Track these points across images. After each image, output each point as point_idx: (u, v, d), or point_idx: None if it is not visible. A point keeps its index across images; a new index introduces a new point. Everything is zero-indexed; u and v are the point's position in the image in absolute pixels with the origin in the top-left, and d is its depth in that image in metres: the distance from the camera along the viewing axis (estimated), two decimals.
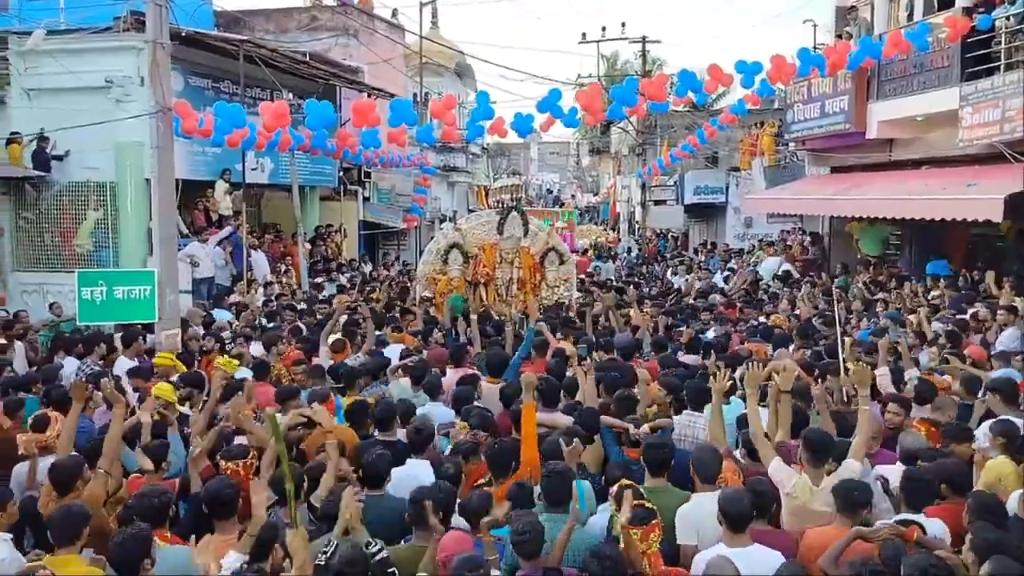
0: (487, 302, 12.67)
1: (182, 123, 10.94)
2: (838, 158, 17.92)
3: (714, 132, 19.08)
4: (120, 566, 3.84)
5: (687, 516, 4.75)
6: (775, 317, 10.99)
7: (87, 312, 9.90)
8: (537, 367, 7.99)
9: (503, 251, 12.96)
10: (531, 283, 12.96)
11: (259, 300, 13.69)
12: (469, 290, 12.66)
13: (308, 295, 14.99)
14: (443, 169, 30.78)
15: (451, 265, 12.98)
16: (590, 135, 49.01)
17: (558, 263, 13.20)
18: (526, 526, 4.14)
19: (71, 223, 14.41)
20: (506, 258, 12.92)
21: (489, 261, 12.89)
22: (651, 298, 14.87)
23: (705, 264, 21.14)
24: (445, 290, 12.75)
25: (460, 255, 12.95)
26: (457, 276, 12.89)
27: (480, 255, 12.91)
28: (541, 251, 13.10)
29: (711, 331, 10.82)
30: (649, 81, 13.68)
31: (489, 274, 12.86)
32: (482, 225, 13.35)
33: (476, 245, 13.01)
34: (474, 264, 12.91)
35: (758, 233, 25.03)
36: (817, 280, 15.66)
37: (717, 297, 14.95)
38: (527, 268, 12.96)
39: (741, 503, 4.37)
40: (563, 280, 13.23)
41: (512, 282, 12.88)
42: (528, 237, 13.09)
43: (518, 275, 12.92)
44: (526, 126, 13.70)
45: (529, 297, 12.85)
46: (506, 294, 12.87)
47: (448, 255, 13.01)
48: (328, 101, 13.96)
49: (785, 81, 15.60)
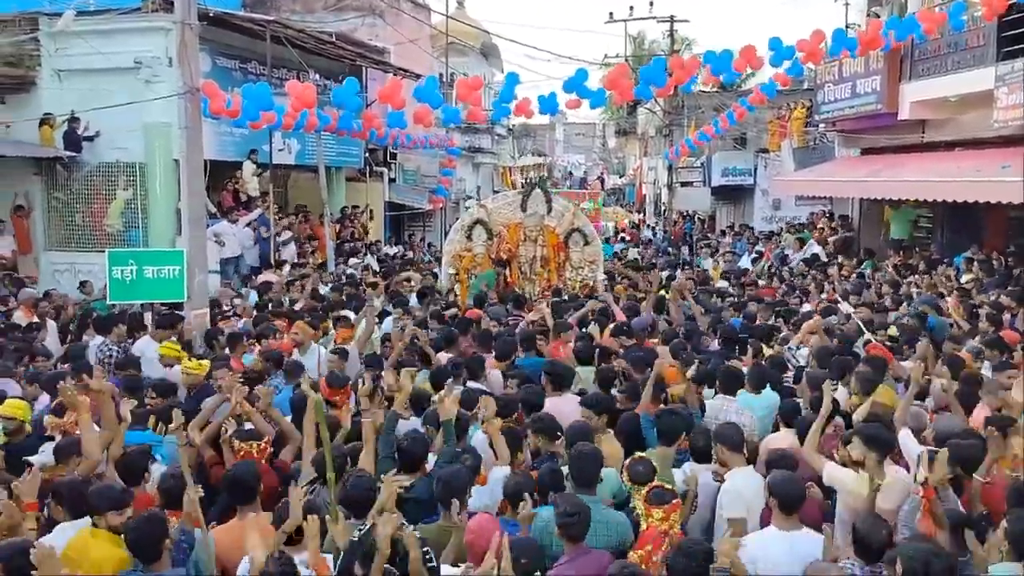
0: (511, 280, 12.77)
1: (210, 104, 10.87)
2: (869, 139, 17.70)
3: (743, 113, 18.88)
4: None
5: (735, 491, 4.83)
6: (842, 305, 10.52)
7: (118, 291, 9.96)
8: (561, 349, 8.01)
9: (527, 229, 12.98)
10: (555, 262, 12.96)
11: (285, 279, 13.74)
12: (493, 270, 12.67)
13: (335, 276, 15.04)
14: (468, 150, 30.75)
15: (475, 241, 13.03)
16: (616, 116, 48.62)
17: (583, 244, 13.13)
18: (574, 508, 4.13)
19: (101, 203, 14.57)
20: (529, 236, 12.95)
21: (512, 239, 12.93)
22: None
23: (732, 247, 21.01)
24: (470, 266, 12.83)
25: (484, 231, 13.02)
26: (481, 252, 12.95)
27: (504, 232, 12.96)
28: (566, 231, 13.07)
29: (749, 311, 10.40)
30: (678, 61, 13.54)
31: (512, 251, 12.89)
32: (507, 205, 13.35)
33: (500, 224, 13.04)
34: (498, 242, 12.96)
35: (786, 216, 24.86)
36: (844, 263, 15.49)
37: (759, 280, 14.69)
38: (551, 246, 12.97)
39: (794, 485, 4.42)
40: (588, 262, 13.14)
41: (535, 260, 12.92)
42: (553, 216, 13.07)
43: (541, 253, 12.95)
44: (552, 106, 13.73)
45: (553, 276, 12.91)
46: (529, 272, 12.91)
47: (472, 231, 13.07)
48: (354, 81, 13.97)
49: (816, 61, 15.38)
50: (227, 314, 10.73)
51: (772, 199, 26.23)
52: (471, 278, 12.84)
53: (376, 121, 15.89)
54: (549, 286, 12.71)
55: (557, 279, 12.97)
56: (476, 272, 12.86)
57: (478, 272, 12.84)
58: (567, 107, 14.60)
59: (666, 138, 31.10)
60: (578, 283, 12.92)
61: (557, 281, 12.92)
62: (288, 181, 20.06)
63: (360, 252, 18.18)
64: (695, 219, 31.87)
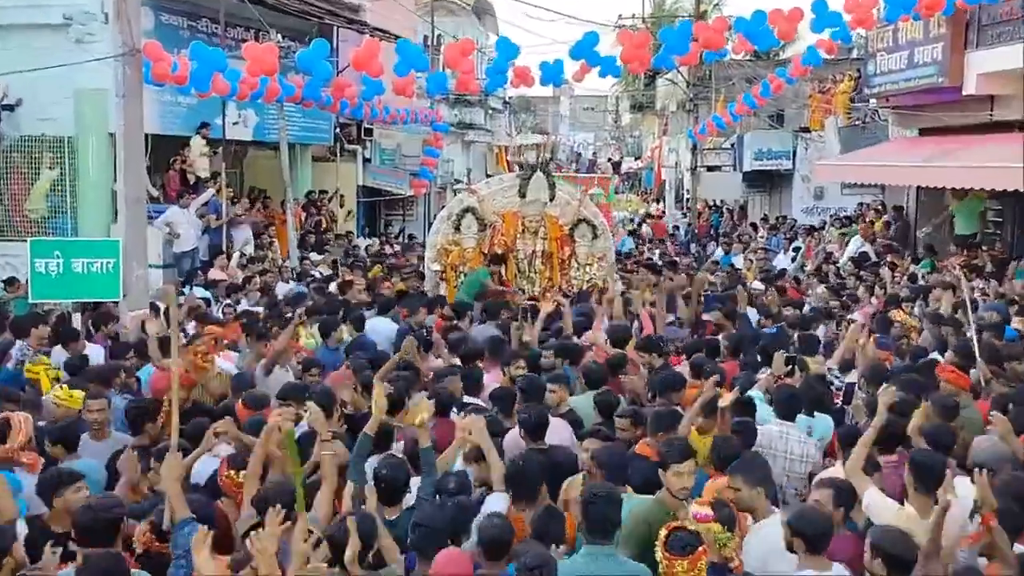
0: (506, 278, 12.77)
1: (152, 68, 10.91)
2: (928, 118, 17.66)
3: (780, 85, 18.82)
4: None
5: (765, 549, 4.76)
6: (896, 312, 10.53)
7: (41, 288, 9.86)
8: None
9: (525, 219, 12.96)
10: (558, 257, 12.97)
11: (238, 277, 13.75)
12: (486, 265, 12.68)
13: (296, 273, 15.07)
14: (457, 126, 30.72)
15: (464, 233, 12.99)
16: (632, 88, 48.51)
17: (591, 237, 13.12)
18: (536, 561, 4.07)
19: (23, 184, 14.34)
20: (529, 227, 12.93)
21: (509, 230, 12.91)
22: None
23: (766, 243, 21.04)
24: (458, 262, 12.85)
25: (475, 222, 13.01)
26: (472, 246, 12.94)
27: (499, 223, 12.96)
28: (571, 222, 13.08)
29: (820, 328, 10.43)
30: (704, 24, 13.60)
31: (508, 245, 12.88)
32: (503, 191, 13.35)
33: (494, 213, 13.05)
34: (492, 234, 12.96)
35: (830, 207, 24.77)
36: (897, 263, 15.51)
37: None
38: (553, 240, 12.96)
39: (819, 520, 4.45)
40: (597, 258, 13.14)
41: (535, 255, 12.91)
42: (556, 205, 13.06)
43: (542, 247, 12.95)
44: (556, 76, 13.87)
45: (555, 274, 12.90)
46: (528, 269, 12.92)
47: (461, 221, 13.05)
48: (324, 43, 14.00)
49: (867, 25, 15.37)
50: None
51: (814, 187, 26.19)
52: (460, 277, 12.80)
53: (349, 91, 15.82)
54: (551, 286, 12.74)
55: (560, 278, 12.95)
56: (465, 270, 12.81)
57: (468, 270, 12.78)
58: (574, 77, 15.10)
59: (690, 114, 31.40)
60: (585, 282, 12.91)
61: (560, 280, 12.92)
62: (244, 160, 19.99)
63: (329, 244, 18.17)
64: (723, 210, 31.86)
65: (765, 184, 29.32)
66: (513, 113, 43.15)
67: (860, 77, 20.64)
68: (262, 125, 18.13)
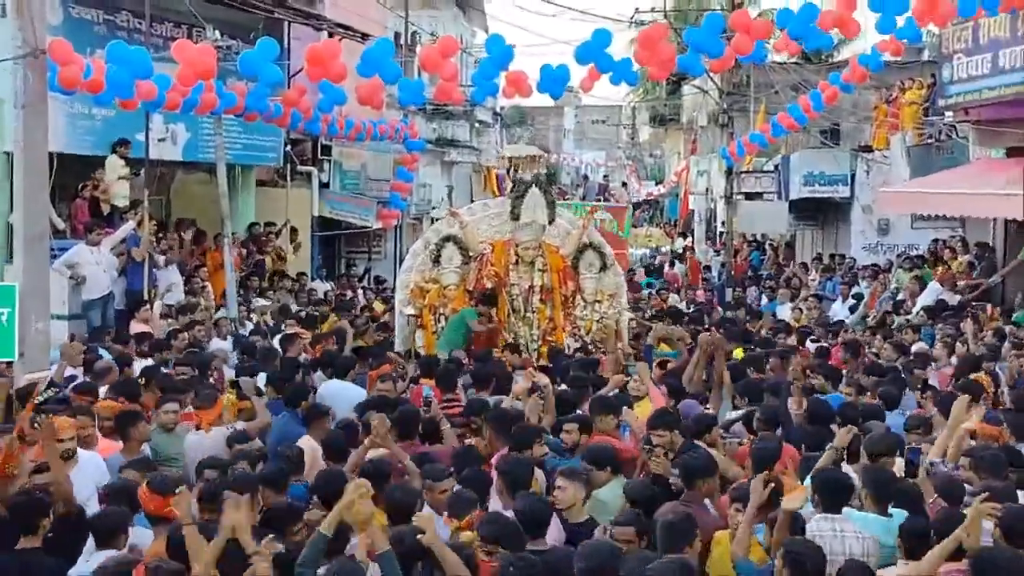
0: (498, 318, 12.80)
1: (60, 72, 10.87)
2: (1017, 135, 17.76)
3: (835, 94, 18.83)
4: None
5: None
6: (978, 376, 10.45)
7: None
8: None
9: (519, 247, 13.08)
10: (560, 293, 13.12)
11: (162, 331, 13.67)
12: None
13: (235, 324, 15.10)
14: (436, 143, 30.80)
15: (445, 266, 13.16)
16: (651, 97, 48.35)
17: (598, 267, 13.33)
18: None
19: None
20: (524, 257, 13.03)
21: (500, 260, 13.05)
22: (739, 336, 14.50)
23: (819, 288, 20.82)
24: (437, 303, 12.93)
25: (458, 253, 13.18)
26: (454, 283, 13.07)
27: (487, 253, 13.14)
28: (574, 252, 13.33)
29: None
30: (741, 18, 13.66)
31: (500, 278, 12.95)
32: (490, 217, 13.63)
33: (482, 242, 13.29)
34: (478, 266, 13.08)
35: (898, 243, 24.70)
36: (981, 313, 15.44)
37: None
38: (555, 271, 13.12)
39: None
40: (608, 295, 13.32)
41: (532, 291, 13.00)
42: (555, 234, 13.31)
43: (540, 281, 13.03)
44: (559, 83, 13.97)
45: (557, 314, 13.01)
46: (524, 308, 12.97)
47: (441, 252, 13.23)
48: (272, 42, 13.97)
49: (940, 22, 15.47)
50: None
51: (878, 219, 26.01)
52: (439, 322, 12.84)
53: (303, 101, 15.86)
54: (552, 328, 12.90)
55: (563, 319, 13.06)
56: (447, 312, 12.86)
57: (449, 312, 12.83)
58: (581, 86, 15.35)
59: (724, 129, 30.43)
60: (593, 325, 13.02)
61: (563, 321, 13.03)
62: (172, 186, 19.94)
63: (278, 288, 18.09)
64: (766, 247, 31.81)
65: (817, 216, 29.14)
66: (506, 127, 43.43)
67: (934, 84, 20.69)
68: (195, 142, 18.10)
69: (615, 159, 67.86)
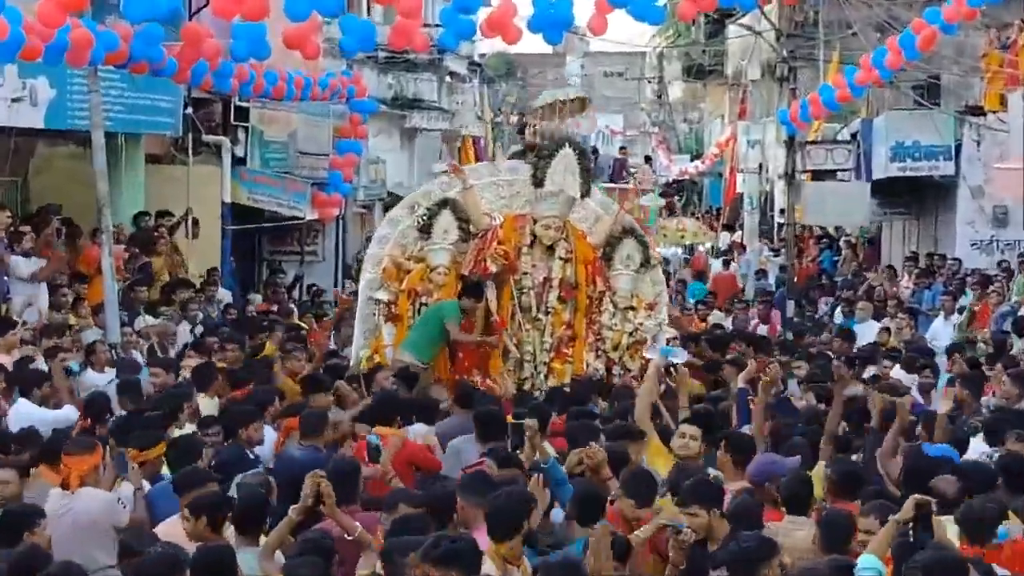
0: (499, 317, 12.32)
1: None
2: None
3: (933, 36, 16.97)
4: None
5: None
6: None
7: None
8: None
9: (540, 223, 12.36)
10: (585, 292, 12.59)
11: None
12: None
13: (117, 348, 13.56)
14: (393, 104, 28.96)
15: (436, 240, 12.50)
16: (685, 42, 46.86)
17: (638, 261, 12.79)
18: None
19: None
20: (543, 238, 12.42)
21: (510, 239, 12.33)
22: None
23: (914, 298, 20.14)
24: (418, 288, 12.36)
25: (455, 224, 12.49)
26: (445, 264, 12.40)
27: (497, 228, 12.45)
28: (604, 241, 12.78)
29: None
30: None
31: (509, 262, 12.22)
32: (498, 185, 13.07)
33: (488, 213, 12.70)
34: (481, 243, 12.35)
35: (1021, 240, 23.48)
36: None
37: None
38: (581, 263, 12.57)
39: None
40: (644, 304, 12.73)
41: (549, 285, 12.44)
42: (583, 216, 12.89)
43: (561, 273, 12.48)
44: (558, 22, 13.28)
45: (579, 321, 12.51)
46: (536, 307, 12.44)
47: (433, 222, 12.54)
48: None
49: None
50: None
51: (992, 206, 24.39)
52: (417, 312, 12.25)
53: (208, 47, 14.24)
54: (572, 337, 12.46)
55: (586, 328, 12.49)
56: (429, 301, 12.23)
57: (433, 302, 12.20)
58: (589, 26, 14.55)
59: (783, 85, 29.24)
60: (624, 338, 12.44)
61: (586, 330, 12.49)
62: (31, 161, 18.67)
63: (172, 301, 16.33)
64: (840, 244, 30.37)
65: (910, 202, 27.58)
66: (488, 83, 40.80)
67: None
68: (61, 104, 16.43)
69: (636, 126, 64.65)
